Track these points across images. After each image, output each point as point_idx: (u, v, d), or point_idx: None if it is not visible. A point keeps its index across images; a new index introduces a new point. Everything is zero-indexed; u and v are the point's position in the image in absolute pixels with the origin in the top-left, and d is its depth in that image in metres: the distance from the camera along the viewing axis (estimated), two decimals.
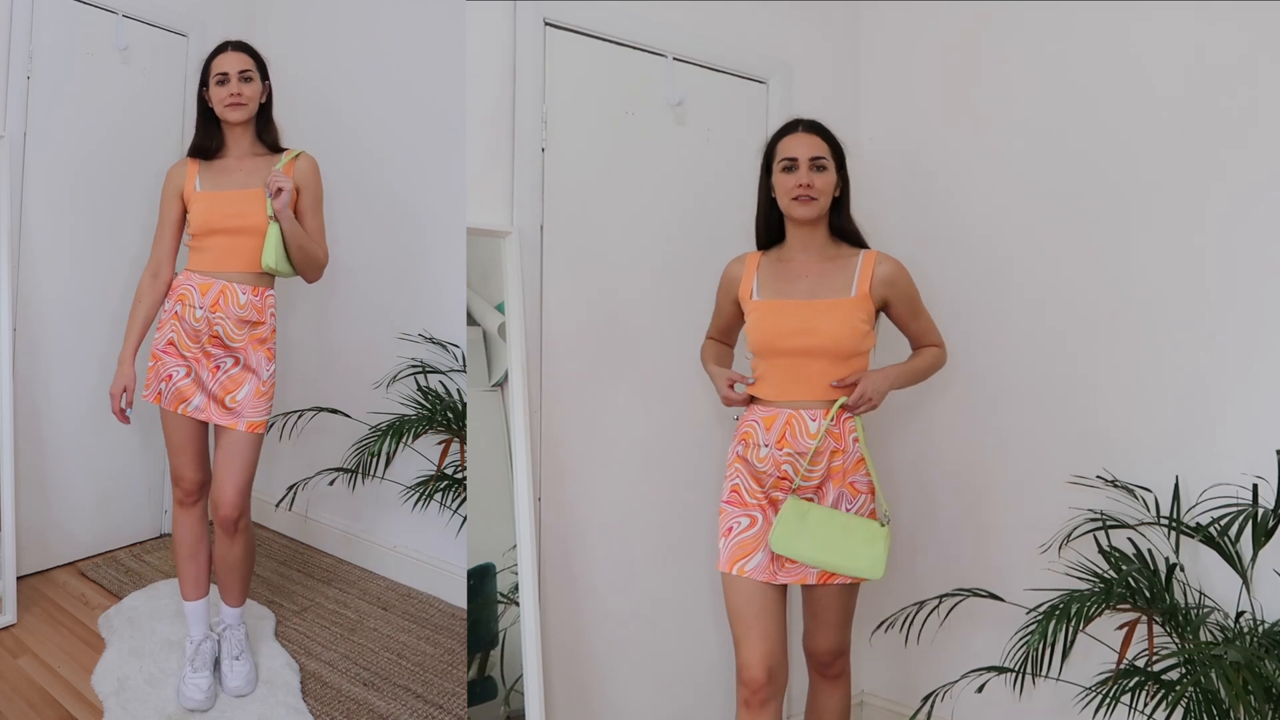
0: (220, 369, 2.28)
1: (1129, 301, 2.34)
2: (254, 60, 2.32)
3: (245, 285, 2.28)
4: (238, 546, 2.35)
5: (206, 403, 2.28)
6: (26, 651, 2.54)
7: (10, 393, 2.67)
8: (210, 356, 2.28)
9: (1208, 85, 2.21)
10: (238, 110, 2.27)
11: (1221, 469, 2.13)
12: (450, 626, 2.84)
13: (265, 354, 2.31)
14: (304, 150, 2.35)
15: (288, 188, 2.21)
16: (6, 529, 2.67)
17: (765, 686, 1.93)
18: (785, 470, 1.96)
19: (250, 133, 2.34)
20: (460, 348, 2.88)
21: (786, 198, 2.00)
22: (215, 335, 2.27)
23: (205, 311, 2.27)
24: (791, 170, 1.99)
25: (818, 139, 2.02)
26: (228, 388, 2.28)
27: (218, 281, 2.28)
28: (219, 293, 2.27)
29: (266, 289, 2.32)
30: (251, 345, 2.30)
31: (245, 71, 2.28)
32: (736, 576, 1.96)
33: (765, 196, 2.08)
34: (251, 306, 2.29)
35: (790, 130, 2.04)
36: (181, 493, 2.38)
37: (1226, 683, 1.74)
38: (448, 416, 2.77)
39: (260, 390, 2.30)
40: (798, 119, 2.07)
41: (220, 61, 2.28)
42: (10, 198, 2.75)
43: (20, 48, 2.85)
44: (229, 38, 2.38)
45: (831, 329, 1.96)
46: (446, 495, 2.79)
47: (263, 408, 2.31)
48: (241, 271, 2.28)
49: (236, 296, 2.27)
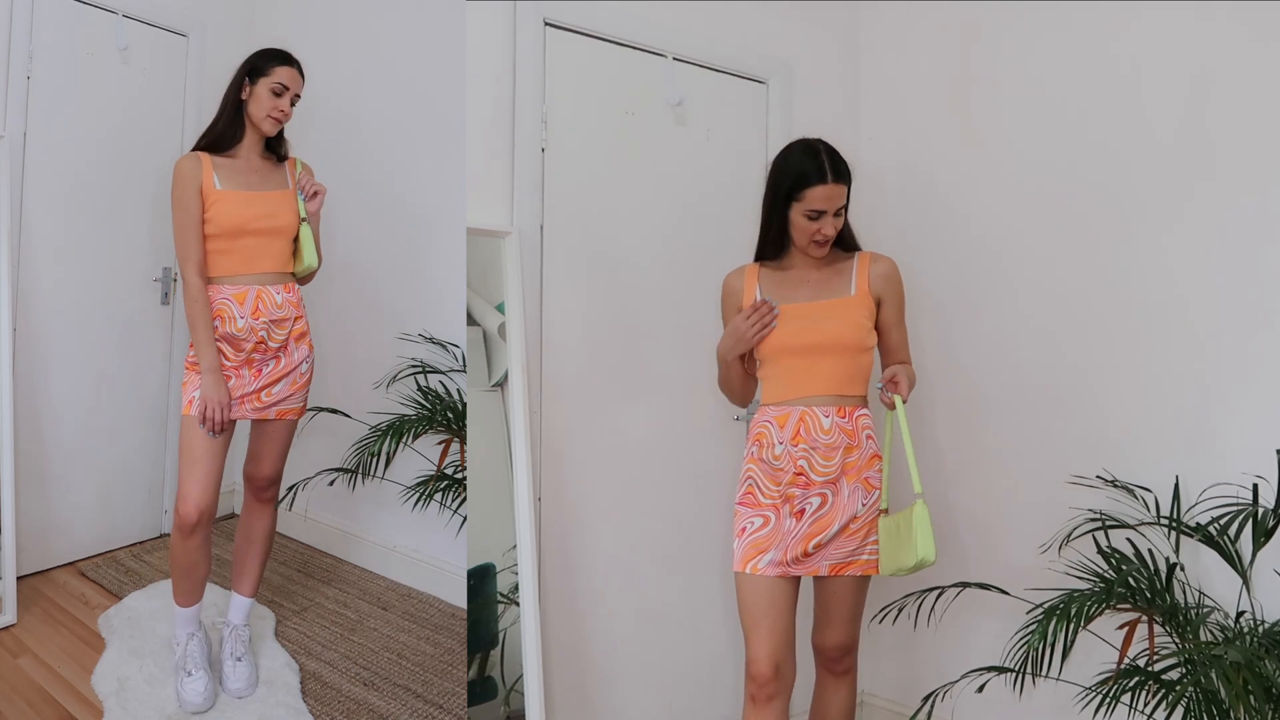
0: (262, 371, 2.30)
1: (1129, 302, 2.34)
2: (302, 84, 2.34)
3: (277, 286, 2.30)
4: (265, 518, 2.45)
5: (241, 402, 2.28)
6: (26, 651, 2.54)
7: (10, 393, 2.67)
8: (252, 363, 2.29)
9: (1205, 87, 2.21)
10: (275, 125, 2.29)
11: (1221, 469, 2.13)
12: (450, 626, 2.84)
13: (307, 345, 2.37)
14: (296, 156, 2.40)
15: (324, 192, 2.32)
16: (6, 529, 2.67)
17: (772, 682, 1.95)
18: (801, 465, 1.99)
19: (263, 142, 2.35)
20: (460, 348, 2.88)
21: (805, 239, 2.00)
22: (260, 341, 2.27)
23: (248, 320, 2.24)
24: (815, 219, 1.98)
25: (843, 187, 1.98)
26: (266, 384, 2.31)
27: (251, 287, 2.26)
28: (255, 298, 2.26)
29: (294, 284, 2.36)
30: (293, 341, 2.33)
31: (297, 96, 2.31)
32: (749, 574, 1.98)
33: (777, 222, 2.04)
34: (287, 304, 2.31)
35: (819, 179, 1.95)
36: (180, 518, 2.21)
37: (1226, 683, 1.74)
38: (448, 416, 2.77)
39: (297, 382, 2.35)
40: (823, 161, 1.96)
41: (284, 74, 2.27)
42: (10, 198, 2.75)
43: (20, 48, 2.85)
44: (277, 46, 2.34)
45: (838, 326, 2.00)
46: (446, 495, 2.79)
47: (299, 396, 2.38)
48: (272, 272, 2.29)
49: (272, 298, 2.28)
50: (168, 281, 3.36)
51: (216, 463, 2.24)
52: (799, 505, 1.99)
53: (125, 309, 3.26)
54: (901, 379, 1.99)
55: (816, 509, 1.99)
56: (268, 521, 2.48)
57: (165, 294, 3.36)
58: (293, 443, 2.47)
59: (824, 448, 1.98)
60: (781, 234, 2.06)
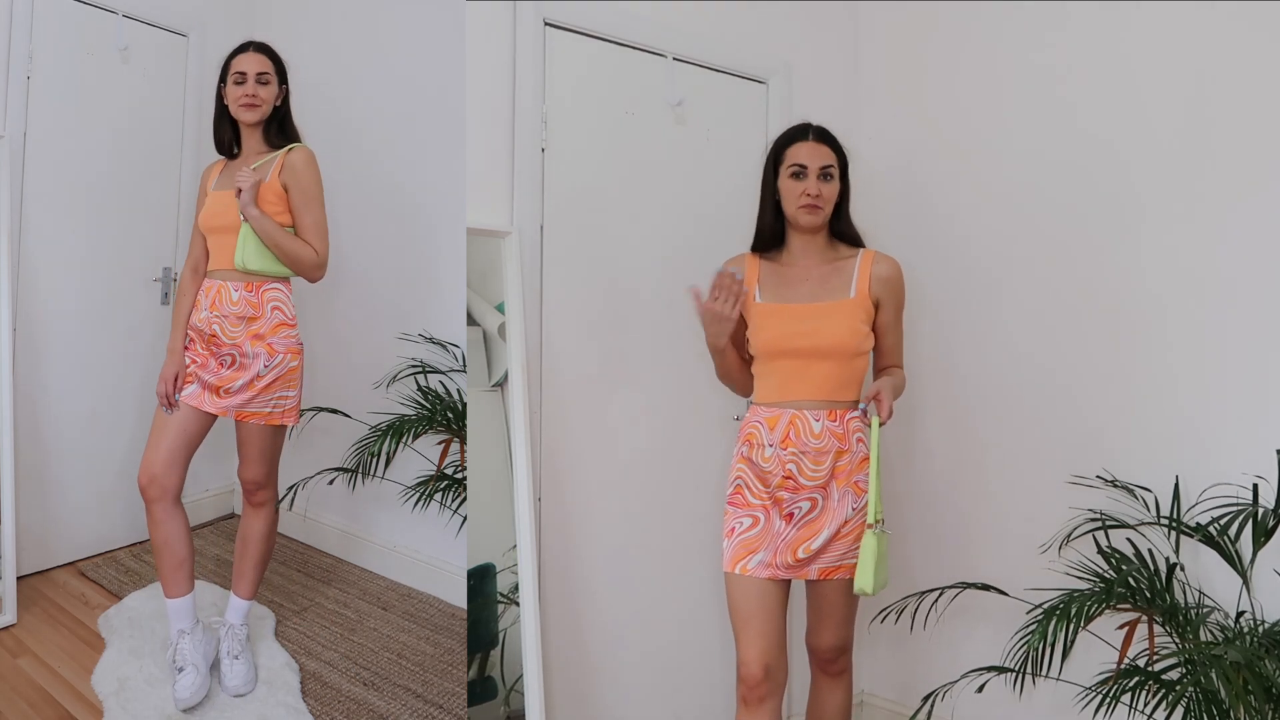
0: (223, 365, 2.31)
1: (1129, 302, 2.34)
2: (273, 63, 2.34)
3: (237, 283, 2.31)
4: (257, 521, 2.45)
5: (201, 392, 2.32)
6: (26, 651, 2.54)
7: (10, 393, 2.67)
8: (215, 356, 2.31)
9: (1203, 85, 2.21)
10: (251, 111, 2.29)
11: (1221, 469, 2.13)
12: (450, 626, 2.84)
13: (265, 348, 2.31)
14: (302, 145, 2.36)
15: (246, 185, 2.23)
16: (6, 529, 2.67)
17: (762, 684, 1.94)
18: (790, 470, 1.97)
19: (258, 132, 2.35)
20: (460, 348, 2.88)
21: (794, 204, 2.01)
22: (213, 334, 2.31)
23: (207, 312, 2.33)
24: (800, 177, 2.00)
25: (827, 149, 2.03)
26: (224, 380, 2.31)
27: (215, 282, 2.34)
28: (215, 292, 2.33)
29: (263, 284, 2.33)
30: (249, 340, 2.31)
31: (263, 74, 2.30)
32: (739, 575, 1.97)
33: (770, 198, 2.08)
34: (245, 303, 2.31)
35: (800, 137, 2.04)
36: (141, 488, 2.30)
37: (1226, 683, 1.74)
38: (448, 416, 2.77)
39: (255, 386, 2.31)
40: (807, 124, 2.07)
41: (240, 61, 2.30)
42: (10, 198, 2.75)
43: (20, 48, 2.85)
44: (251, 38, 2.39)
45: (834, 330, 1.98)
46: (446, 495, 2.79)
47: (263, 401, 2.33)
48: (227, 269, 2.32)
49: (229, 294, 2.31)
50: (168, 281, 3.36)
51: (171, 436, 2.31)
52: (788, 508, 1.98)
53: (125, 309, 3.26)
54: (885, 397, 1.93)
55: (806, 513, 1.97)
56: (260, 525, 2.46)
57: (165, 294, 3.36)
58: (291, 442, 2.46)
59: (814, 452, 1.96)
60: (777, 215, 2.07)
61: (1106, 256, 2.38)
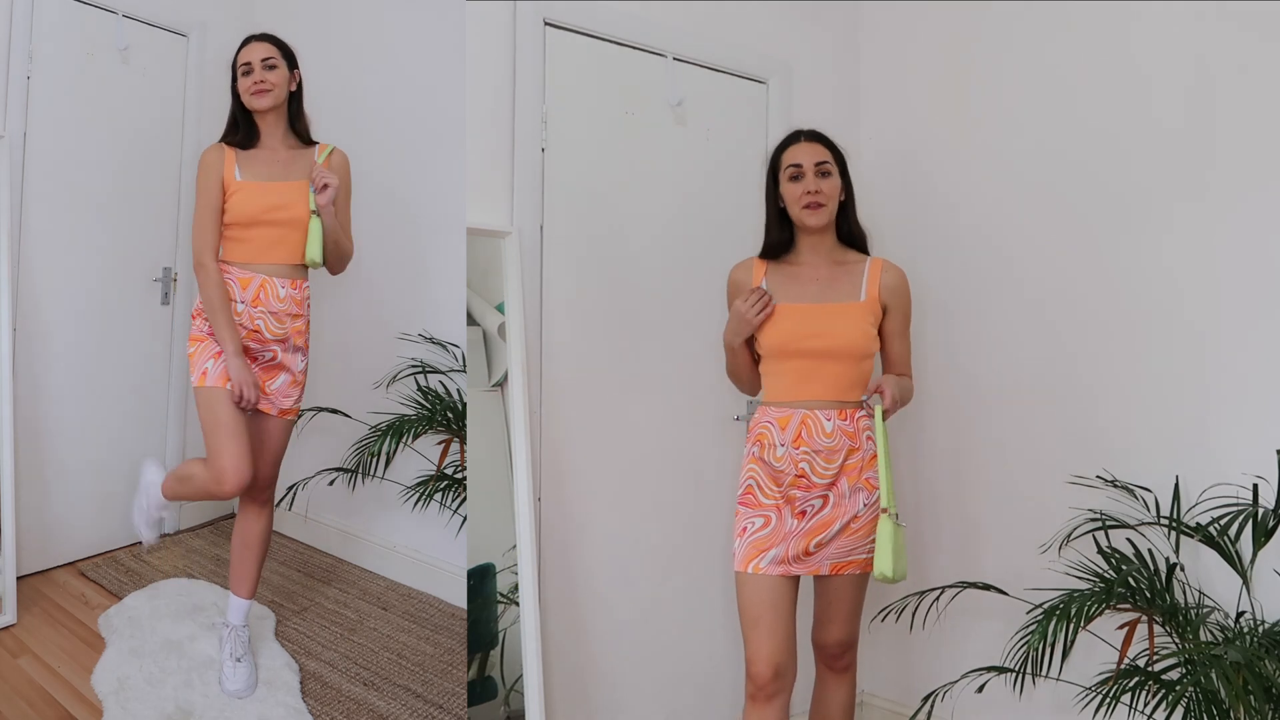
0: (257, 360, 2.30)
1: (1129, 301, 2.34)
2: (278, 48, 2.33)
3: (284, 279, 2.29)
4: (261, 521, 2.43)
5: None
6: (26, 651, 2.54)
7: (10, 392, 2.67)
8: (248, 350, 2.28)
9: (1205, 85, 2.21)
10: (263, 97, 2.27)
11: (1221, 469, 2.13)
12: (450, 626, 2.84)
13: (303, 345, 2.34)
14: (336, 146, 2.37)
15: (334, 184, 2.24)
16: (6, 529, 2.67)
17: (771, 682, 1.96)
18: (803, 468, 1.99)
19: (283, 123, 2.33)
20: (460, 348, 2.88)
21: (797, 206, 2.04)
22: (255, 330, 2.27)
23: (247, 306, 2.26)
24: (798, 178, 2.03)
25: (820, 146, 2.07)
26: (263, 377, 2.30)
27: (257, 275, 2.26)
28: (259, 287, 2.26)
29: (303, 280, 2.33)
30: (293, 336, 2.32)
31: (268, 59, 2.28)
32: (751, 574, 1.99)
33: (774, 207, 2.11)
34: (291, 300, 2.29)
35: (793, 140, 2.09)
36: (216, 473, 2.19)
37: (1226, 683, 1.74)
38: (448, 416, 2.77)
39: (295, 380, 2.34)
40: (798, 130, 2.11)
41: (244, 53, 2.30)
42: (10, 198, 2.74)
43: (20, 48, 2.85)
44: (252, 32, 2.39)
45: (844, 331, 2.00)
46: (446, 495, 2.79)
47: (296, 395, 2.36)
48: (281, 264, 2.28)
49: (276, 290, 2.27)
50: (168, 281, 3.36)
51: (249, 437, 2.26)
52: (800, 506, 2.00)
53: (125, 309, 3.26)
54: (887, 389, 1.96)
55: (819, 510, 2.00)
56: (264, 524, 2.46)
57: (165, 294, 3.36)
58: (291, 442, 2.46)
59: (826, 451, 1.99)
60: (784, 223, 2.09)
61: (1107, 256, 2.38)
